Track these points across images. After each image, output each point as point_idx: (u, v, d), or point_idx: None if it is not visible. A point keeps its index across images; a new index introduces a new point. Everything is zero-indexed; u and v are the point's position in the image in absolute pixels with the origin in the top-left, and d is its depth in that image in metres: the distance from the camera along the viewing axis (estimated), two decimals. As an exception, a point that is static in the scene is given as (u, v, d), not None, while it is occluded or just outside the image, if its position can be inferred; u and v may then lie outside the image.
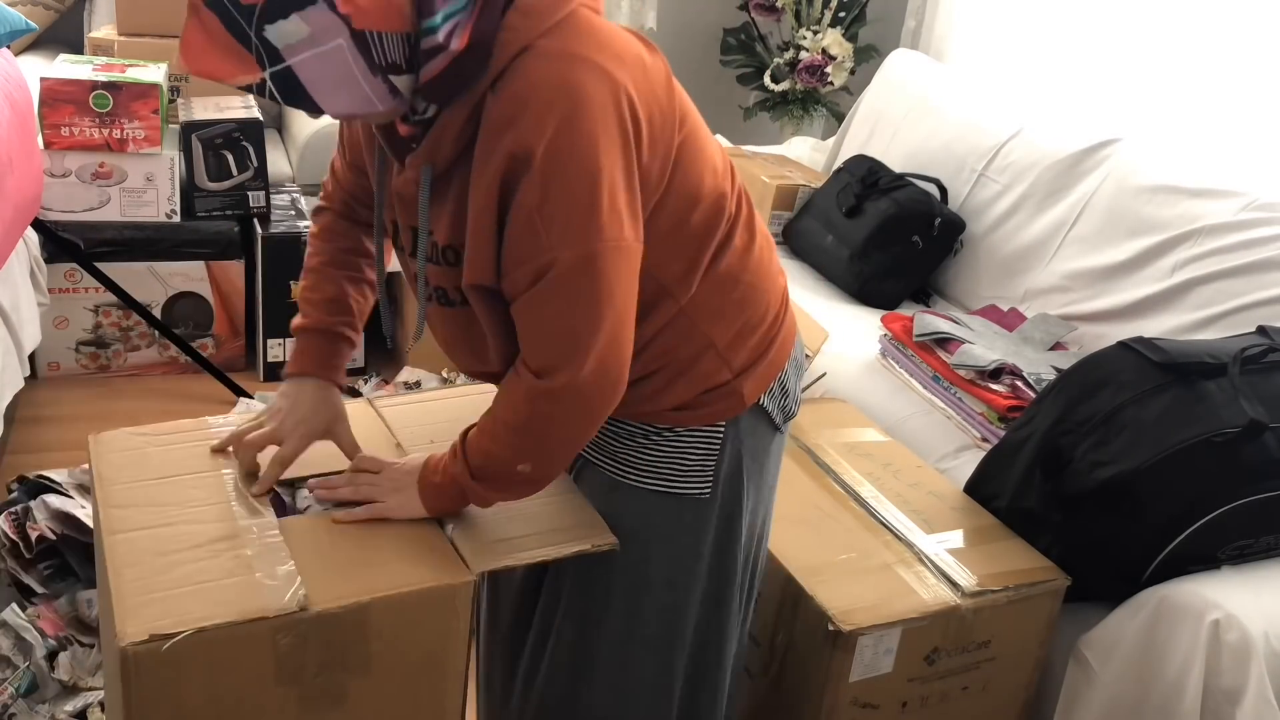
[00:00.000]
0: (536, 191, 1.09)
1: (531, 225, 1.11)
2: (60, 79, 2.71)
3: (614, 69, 1.10)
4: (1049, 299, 2.56)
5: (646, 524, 1.35)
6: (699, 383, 1.30)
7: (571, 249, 1.11)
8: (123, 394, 2.91)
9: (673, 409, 1.31)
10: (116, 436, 1.39)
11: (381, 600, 1.19)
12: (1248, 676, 1.57)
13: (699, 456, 1.34)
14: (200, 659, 1.12)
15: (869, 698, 1.61)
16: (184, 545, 1.22)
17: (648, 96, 1.14)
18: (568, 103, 1.07)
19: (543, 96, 1.08)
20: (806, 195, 3.09)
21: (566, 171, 1.09)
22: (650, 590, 1.37)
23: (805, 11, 3.87)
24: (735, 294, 1.29)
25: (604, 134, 1.09)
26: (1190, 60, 2.76)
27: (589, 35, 1.11)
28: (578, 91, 1.08)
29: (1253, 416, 1.67)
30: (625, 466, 1.35)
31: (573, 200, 1.10)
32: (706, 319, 1.28)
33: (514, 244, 1.13)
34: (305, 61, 1.03)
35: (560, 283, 1.13)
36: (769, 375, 1.35)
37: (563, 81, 1.08)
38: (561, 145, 1.08)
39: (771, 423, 1.39)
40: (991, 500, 1.85)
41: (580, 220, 1.10)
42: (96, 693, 1.86)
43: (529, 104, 1.07)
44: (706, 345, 1.29)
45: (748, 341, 1.32)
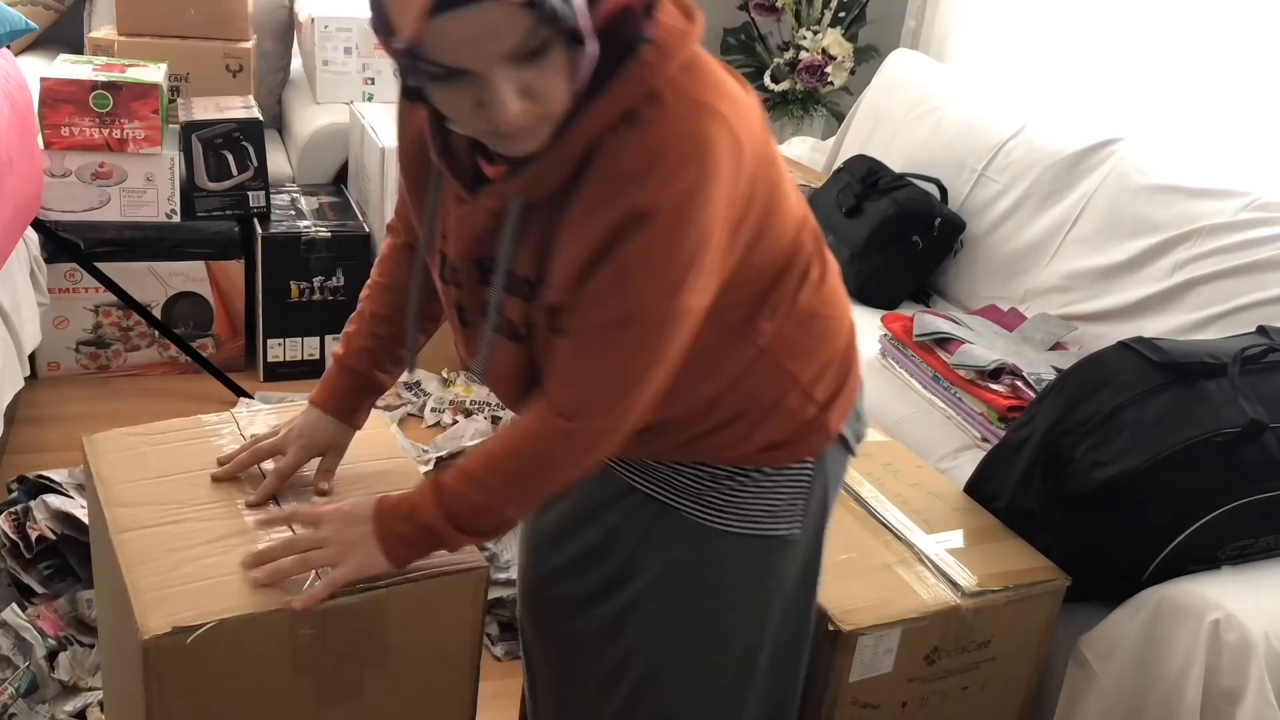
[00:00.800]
0: (643, 246, 1.03)
1: (626, 276, 1.05)
2: (60, 79, 2.71)
3: (736, 122, 1.05)
4: (1049, 299, 2.56)
5: (734, 571, 1.31)
6: (786, 421, 1.26)
7: (656, 308, 1.07)
8: (123, 394, 2.91)
9: (760, 450, 1.27)
10: (111, 437, 1.40)
11: (399, 591, 1.20)
12: (1248, 676, 1.57)
13: (789, 495, 1.30)
14: (221, 651, 1.14)
15: (869, 698, 1.61)
16: (194, 542, 1.23)
17: (751, 142, 1.08)
18: (699, 164, 1.02)
19: (676, 152, 1.01)
20: (806, 195, 3.08)
21: (682, 236, 1.03)
22: (733, 640, 1.33)
23: (805, 11, 3.87)
24: (815, 329, 1.26)
25: (723, 197, 1.05)
26: (1190, 60, 2.76)
27: (712, 80, 1.06)
28: (710, 151, 1.02)
29: (1253, 416, 1.67)
30: (713, 510, 1.28)
31: (676, 264, 1.05)
32: (789, 357, 1.24)
33: (601, 285, 1.06)
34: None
35: (630, 335, 1.09)
36: (848, 403, 1.32)
37: (696, 139, 1.02)
38: (685, 209, 1.02)
39: (849, 449, 1.36)
40: (991, 500, 1.85)
41: (675, 283, 1.06)
42: (96, 693, 1.86)
43: (661, 159, 1.01)
44: (792, 383, 1.25)
45: (829, 373, 1.28)
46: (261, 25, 3.54)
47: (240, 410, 1.48)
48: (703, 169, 1.02)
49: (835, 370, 1.29)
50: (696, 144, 1.02)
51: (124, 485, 1.31)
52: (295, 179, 3.35)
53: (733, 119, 1.05)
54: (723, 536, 1.28)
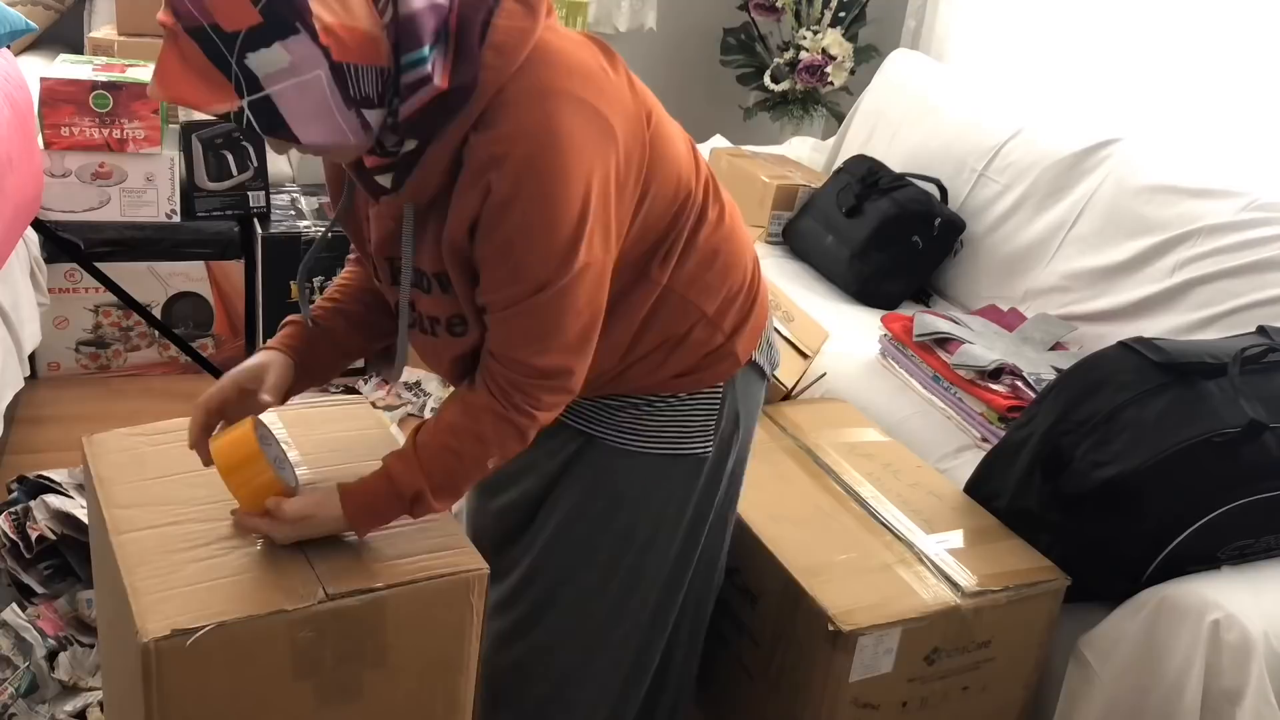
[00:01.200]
0: (520, 227, 1.13)
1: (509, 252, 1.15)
2: (60, 79, 2.71)
3: (589, 95, 1.15)
4: (1049, 299, 2.56)
5: (646, 487, 1.43)
6: (696, 350, 1.38)
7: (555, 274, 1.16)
8: (123, 394, 2.91)
9: (674, 377, 1.39)
10: (111, 437, 1.40)
11: (398, 593, 1.21)
12: (1248, 676, 1.57)
13: (702, 417, 1.42)
14: (221, 653, 1.14)
15: (869, 698, 1.61)
16: (194, 543, 1.23)
17: (619, 110, 1.18)
18: (551, 145, 1.11)
19: (526, 139, 1.11)
20: (806, 195, 3.09)
21: (555, 210, 1.13)
22: (632, 548, 1.45)
23: (805, 11, 3.86)
24: (717, 264, 1.36)
25: (586, 165, 1.13)
26: (1190, 60, 2.76)
27: (559, 64, 1.15)
28: (559, 131, 1.11)
29: (1253, 416, 1.67)
30: (631, 435, 1.41)
31: (560, 235, 1.14)
32: (694, 293, 1.35)
33: (495, 268, 1.17)
34: (284, 91, 1.04)
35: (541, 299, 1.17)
36: (756, 331, 1.45)
37: (544, 119, 1.11)
38: (547, 187, 1.12)
39: (762, 374, 1.50)
40: (991, 500, 1.85)
41: (565, 249, 1.15)
42: (96, 693, 1.86)
43: (512, 147, 1.11)
44: (698, 316, 1.36)
45: (734, 305, 1.40)
46: (261, 25, 3.53)
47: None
48: (555, 148, 1.11)
49: (741, 301, 1.41)
50: (545, 128, 1.11)
51: (124, 486, 1.31)
52: (295, 179, 3.35)
53: (586, 93, 1.14)
54: (636, 456, 1.41)
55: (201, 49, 1.02)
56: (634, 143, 1.20)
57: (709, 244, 1.35)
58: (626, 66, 1.25)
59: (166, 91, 1.04)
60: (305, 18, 1.01)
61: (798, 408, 2.11)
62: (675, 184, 1.29)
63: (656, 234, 1.29)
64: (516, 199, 1.12)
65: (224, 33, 1.01)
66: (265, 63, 1.02)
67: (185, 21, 1.01)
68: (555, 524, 1.46)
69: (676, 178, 1.29)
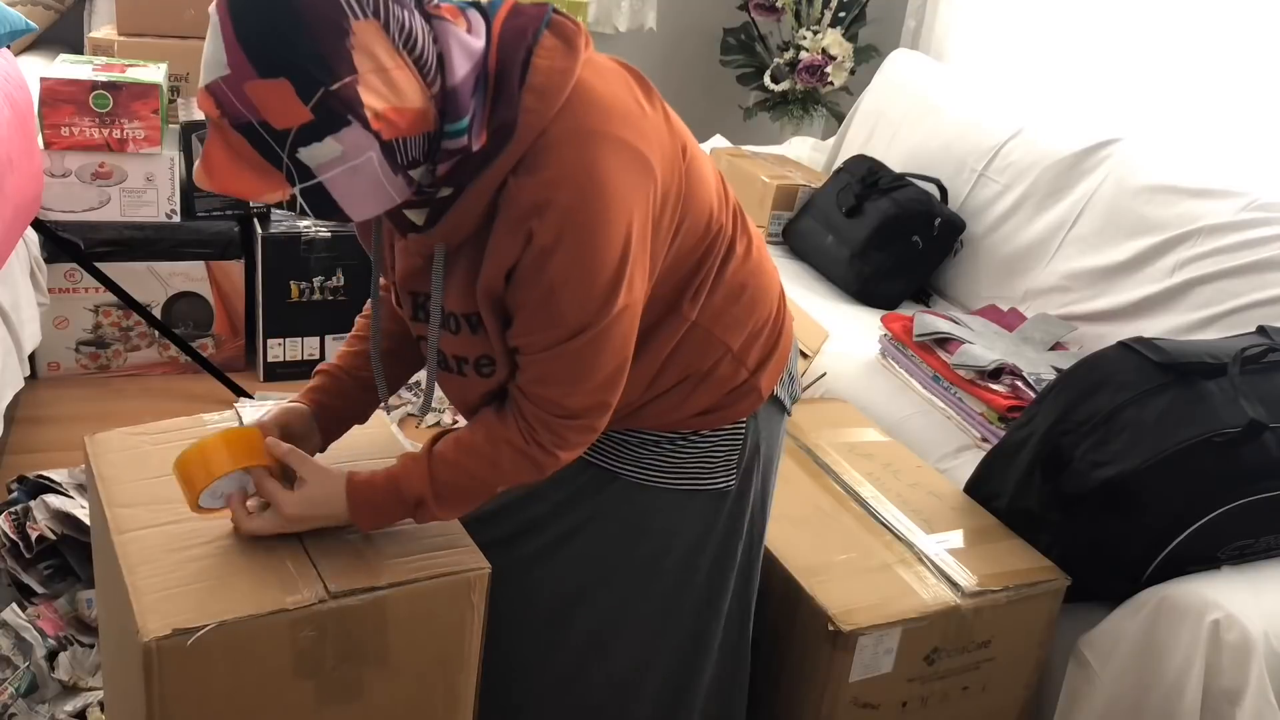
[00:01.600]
0: (560, 272, 1.11)
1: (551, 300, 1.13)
2: (60, 79, 2.71)
3: (629, 135, 1.12)
4: (1049, 299, 2.56)
5: (671, 521, 1.41)
6: (720, 387, 1.35)
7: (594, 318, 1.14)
8: (123, 394, 2.91)
9: (696, 415, 1.36)
10: (113, 437, 1.40)
11: (399, 592, 1.20)
12: (1248, 676, 1.57)
13: (724, 453, 1.40)
14: (222, 653, 1.14)
15: (869, 698, 1.61)
16: (195, 542, 1.23)
17: (658, 148, 1.16)
18: (593, 189, 1.09)
19: (569, 183, 1.09)
20: (806, 195, 3.09)
21: (595, 255, 1.11)
22: (675, 580, 1.43)
23: (805, 11, 3.87)
24: (744, 299, 1.34)
25: (627, 209, 1.12)
26: (1190, 60, 2.76)
27: (599, 105, 1.12)
28: (602, 175, 1.09)
29: (1253, 416, 1.67)
30: (653, 471, 1.38)
31: (599, 280, 1.12)
32: (720, 328, 1.32)
33: (533, 314, 1.15)
34: (336, 177, 1.03)
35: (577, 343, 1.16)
36: (780, 366, 1.41)
37: (587, 164, 1.09)
38: (589, 232, 1.10)
39: (783, 408, 1.46)
40: (991, 500, 1.85)
41: (604, 294, 1.14)
42: (96, 693, 1.86)
43: (555, 192, 1.09)
44: (723, 352, 1.33)
45: (759, 340, 1.37)
46: (261, 25, 3.53)
47: (244, 406, 1.48)
48: (598, 194, 1.09)
49: (766, 336, 1.38)
50: (587, 174, 1.09)
51: (126, 485, 1.31)
52: (295, 179, 3.34)
53: (626, 134, 1.12)
54: (657, 492, 1.39)
55: (250, 144, 1.01)
56: (671, 179, 1.18)
57: (737, 278, 1.32)
58: (661, 99, 1.23)
59: (217, 184, 1.03)
60: (357, 110, 1.00)
61: (798, 408, 2.10)
62: (707, 217, 1.26)
63: (688, 268, 1.27)
64: (559, 247, 1.10)
65: (274, 130, 1.00)
66: (317, 155, 1.01)
67: (232, 117, 1.00)
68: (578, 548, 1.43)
69: (709, 211, 1.26)
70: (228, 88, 0.98)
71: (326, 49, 0.97)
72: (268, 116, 0.99)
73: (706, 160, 1.29)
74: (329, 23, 0.97)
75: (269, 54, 0.97)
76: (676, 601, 1.45)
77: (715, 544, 1.44)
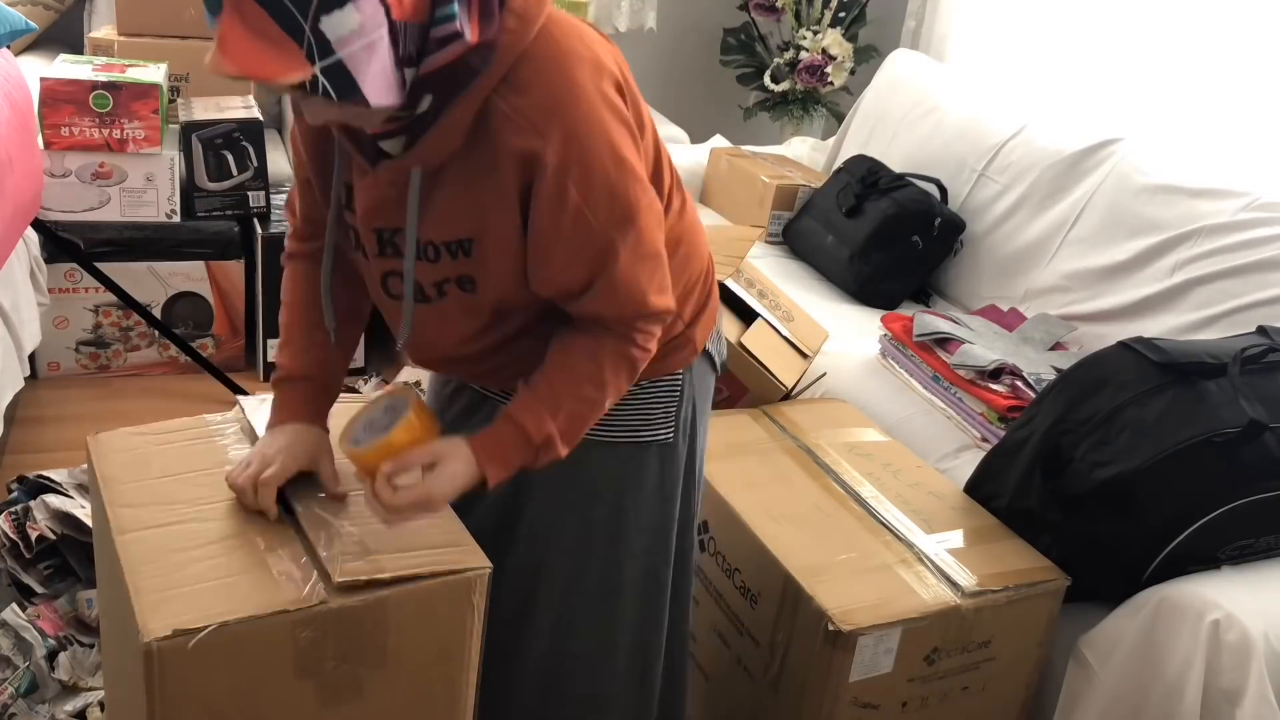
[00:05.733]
0: (576, 188, 1.16)
1: (581, 219, 1.17)
2: (60, 79, 2.71)
3: (602, 57, 1.20)
4: (1049, 299, 2.56)
5: (618, 476, 1.44)
6: None
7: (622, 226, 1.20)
8: (123, 394, 2.91)
9: None
10: (115, 437, 1.40)
11: (399, 592, 1.20)
12: (1248, 676, 1.57)
13: (662, 404, 1.44)
14: (223, 654, 1.14)
15: (869, 698, 1.61)
16: (197, 542, 1.23)
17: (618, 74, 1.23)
18: (584, 103, 1.15)
19: (559, 100, 1.14)
20: (806, 195, 3.09)
21: (596, 164, 1.16)
22: (626, 540, 1.45)
23: (805, 11, 3.87)
24: (679, 253, 1.37)
25: (611, 120, 1.17)
26: (1191, 60, 2.76)
27: (572, 32, 1.19)
28: (588, 90, 1.15)
29: (1253, 416, 1.67)
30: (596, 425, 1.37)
31: (610, 186, 1.18)
32: None
33: (566, 241, 1.19)
34: (355, 53, 1.02)
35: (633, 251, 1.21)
36: (710, 321, 1.47)
37: (572, 82, 1.15)
38: (584, 143, 1.15)
39: (714, 365, 1.52)
40: (991, 500, 1.85)
41: (623, 202, 1.19)
42: (96, 693, 1.86)
43: (544, 109, 1.13)
44: None
45: (693, 294, 1.42)
46: (261, 25, 3.53)
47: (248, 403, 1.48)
48: (590, 106, 1.15)
49: (699, 291, 1.43)
50: (577, 89, 1.15)
51: (128, 485, 1.31)
52: (295, 179, 3.34)
53: (600, 56, 1.19)
54: (602, 445, 1.40)
55: (271, 14, 0.99)
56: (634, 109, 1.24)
57: (674, 232, 1.35)
58: None
59: (235, 64, 1.00)
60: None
61: (798, 408, 2.11)
62: (654, 164, 1.30)
63: None
64: (571, 163, 1.14)
65: None
66: (338, 25, 1.00)
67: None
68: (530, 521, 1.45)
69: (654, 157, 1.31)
70: None
71: None
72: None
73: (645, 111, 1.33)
74: None
75: None
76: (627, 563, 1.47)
77: (659, 500, 1.47)
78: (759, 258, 2.87)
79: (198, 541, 1.23)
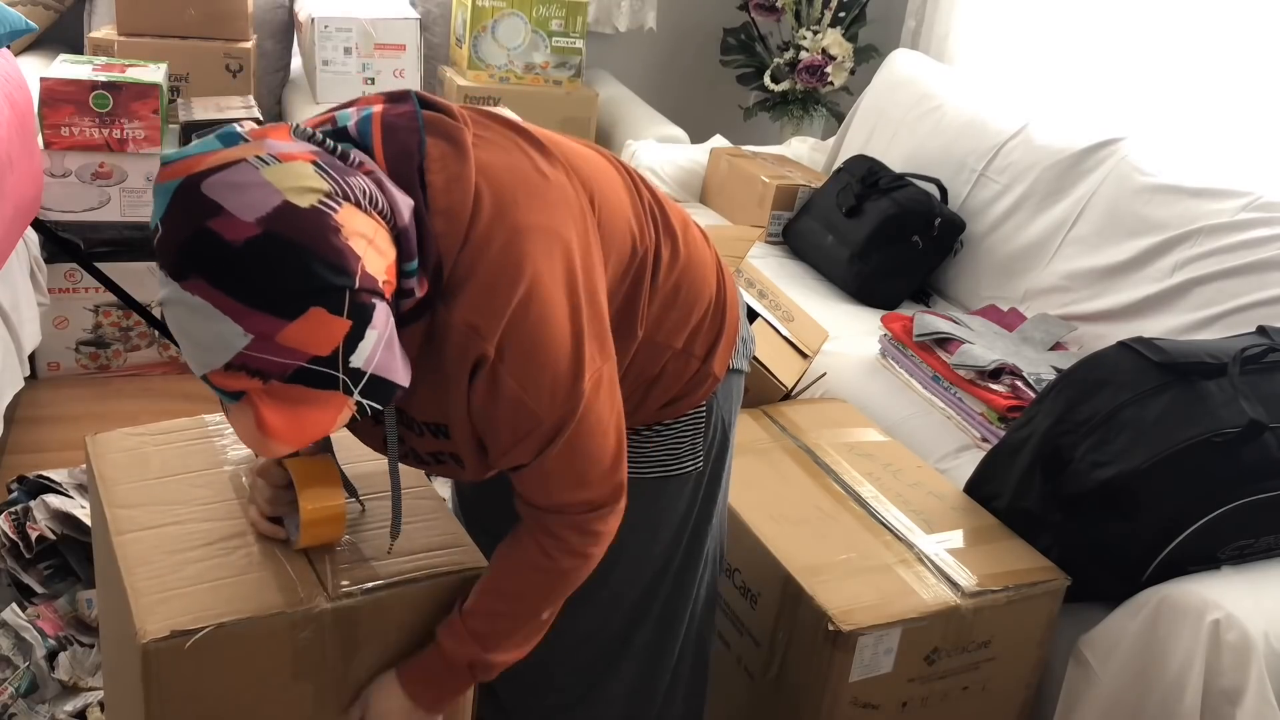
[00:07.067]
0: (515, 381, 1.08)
1: (521, 407, 1.09)
2: (60, 79, 2.71)
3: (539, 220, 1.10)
4: (1049, 299, 2.56)
5: (649, 509, 1.41)
6: (674, 382, 1.36)
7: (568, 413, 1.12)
8: (123, 394, 2.91)
9: (657, 409, 1.37)
10: (114, 437, 1.40)
11: (398, 592, 1.20)
12: (1248, 676, 1.57)
13: (689, 437, 1.41)
14: (220, 654, 1.14)
15: (869, 698, 1.61)
16: (195, 543, 1.23)
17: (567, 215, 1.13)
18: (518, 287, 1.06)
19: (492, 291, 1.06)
20: (806, 195, 3.09)
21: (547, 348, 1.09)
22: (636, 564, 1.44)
23: (805, 11, 3.87)
24: (679, 302, 1.32)
25: (560, 294, 1.10)
26: (1191, 60, 2.76)
27: (500, 199, 1.08)
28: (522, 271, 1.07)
29: (1253, 416, 1.67)
30: None
31: (559, 371, 1.10)
32: (663, 335, 1.32)
33: (505, 427, 1.12)
34: (381, 360, 0.99)
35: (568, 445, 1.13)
36: (730, 343, 1.41)
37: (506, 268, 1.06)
38: (522, 334, 1.07)
39: (740, 372, 1.47)
40: (991, 500, 1.85)
41: (565, 387, 1.11)
42: (96, 693, 1.86)
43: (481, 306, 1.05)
44: (669, 354, 1.34)
45: (702, 330, 1.36)
46: (261, 25, 3.53)
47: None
48: (526, 289, 1.06)
49: (709, 324, 1.37)
50: (509, 274, 1.06)
51: (126, 486, 1.31)
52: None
53: (535, 218, 1.09)
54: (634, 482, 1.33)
55: (306, 385, 0.96)
56: (589, 236, 1.16)
57: (667, 285, 1.30)
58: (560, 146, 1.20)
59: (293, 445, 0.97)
60: (376, 289, 0.97)
61: (798, 408, 2.11)
62: (630, 246, 1.24)
63: (624, 297, 1.25)
64: (507, 355, 1.07)
65: (324, 359, 0.95)
66: (364, 351, 0.97)
67: (279, 375, 0.95)
68: None
69: (630, 240, 1.24)
70: (258, 353, 0.93)
71: (331, 255, 0.93)
72: (315, 350, 0.94)
73: (617, 185, 1.25)
74: (319, 230, 0.93)
75: (289, 295, 0.92)
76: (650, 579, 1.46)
77: (690, 527, 1.46)
78: (759, 258, 2.87)
79: (196, 542, 1.23)
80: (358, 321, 0.95)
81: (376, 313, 0.97)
